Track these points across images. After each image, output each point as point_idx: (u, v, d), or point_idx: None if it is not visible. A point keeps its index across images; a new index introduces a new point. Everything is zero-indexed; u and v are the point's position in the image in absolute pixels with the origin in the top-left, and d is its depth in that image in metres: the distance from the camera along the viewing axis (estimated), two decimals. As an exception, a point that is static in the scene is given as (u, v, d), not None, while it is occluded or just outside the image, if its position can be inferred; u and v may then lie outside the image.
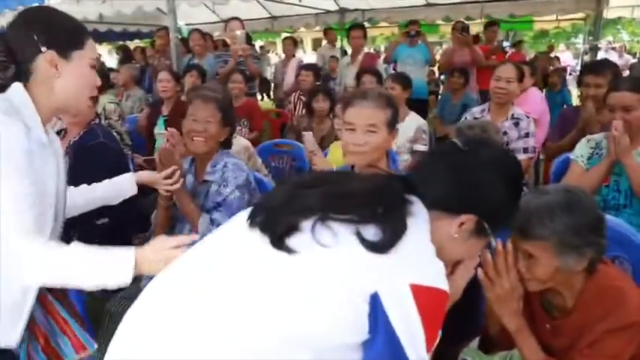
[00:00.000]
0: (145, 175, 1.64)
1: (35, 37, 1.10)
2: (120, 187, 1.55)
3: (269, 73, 6.99)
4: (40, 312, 1.24)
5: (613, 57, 9.36)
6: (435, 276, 0.82)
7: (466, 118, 2.77)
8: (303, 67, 4.29)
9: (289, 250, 0.81)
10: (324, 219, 0.83)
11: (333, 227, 0.82)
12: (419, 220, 0.87)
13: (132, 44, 7.76)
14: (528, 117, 2.60)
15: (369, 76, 3.46)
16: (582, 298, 1.16)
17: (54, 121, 1.99)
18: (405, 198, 0.89)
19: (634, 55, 13.40)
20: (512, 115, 2.60)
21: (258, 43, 7.74)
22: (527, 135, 2.55)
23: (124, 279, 1.07)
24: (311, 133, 2.34)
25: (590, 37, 6.13)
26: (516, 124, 2.58)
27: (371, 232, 0.81)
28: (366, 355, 0.82)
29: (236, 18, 4.13)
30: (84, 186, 1.51)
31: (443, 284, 0.82)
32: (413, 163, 2.70)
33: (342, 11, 7.21)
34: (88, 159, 2.02)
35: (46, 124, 1.18)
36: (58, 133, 2.18)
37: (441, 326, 0.85)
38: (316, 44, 14.12)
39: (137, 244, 1.15)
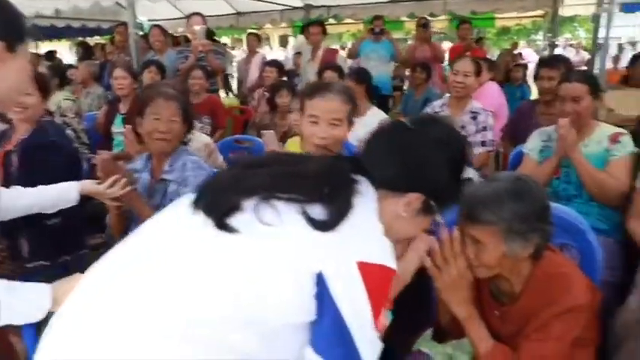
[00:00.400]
0: (87, 186, 1.59)
1: None
2: (61, 196, 1.51)
3: (234, 69, 6.91)
4: None
5: (570, 54, 9.69)
6: (382, 253, 0.82)
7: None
8: (267, 63, 4.27)
9: (231, 230, 0.80)
10: (268, 198, 0.82)
11: (278, 206, 0.81)
12: (366, 199, 0.87)
13: (92, 40, 7.53)
14: (486, 111, 2.66)
15: (331, 72, 3.43)
16: (529, 284, 1.19)
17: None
18: (352, 178, 0.89)
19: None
20: (471, 109, 2.65)
21: (223, 40, 7.62)
22: (484, 128, 2.61)
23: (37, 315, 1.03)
24: (272, 132, 2.32)
25: (549, 34, 6.34)
26: (474, 118, 2.63)
27: (317, 211, 0.80)
28: (313, 336, 0.81)
29: (197, 13, 4.06)
30: (21, 190, 1.45)
31: (390, 262, 0.82)
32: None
33: (308, 8, 7.18)
34: (38, 159, 1.94)
35: None
36: (3, 133, 2.09)
37: (390, 305, 0.86)
38: (283, 41, 14.07)
39: (92, 246, 1.11)
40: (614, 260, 1.79)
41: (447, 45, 8.11)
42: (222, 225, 0.81)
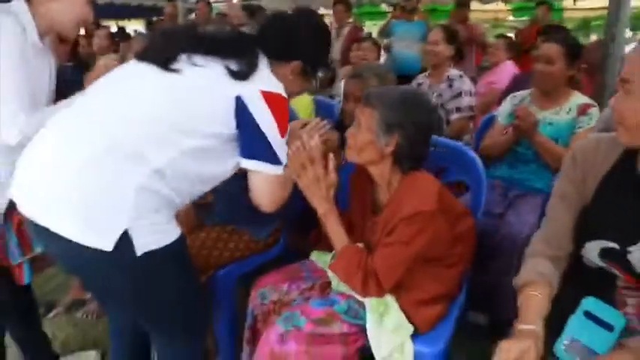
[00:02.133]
0: None
1: None
2: None
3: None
4: None
5: None
6: (277, 87, 1.19)
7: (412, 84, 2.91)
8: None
9: (174, 70, 1.13)
10: (197, 52, 1.16)
11: (205, 58, 1.15)
12: (262, 65, 1.21)
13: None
14: (462, 77, 2.67)
15: (368, 44, 3.50)
16: (394, 195, 1.32)
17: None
18: (255, 46, 1.23)
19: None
20: (448, 76, 2.68)
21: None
22: (460, 94, 2.62)
23: None
24: None
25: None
26: (450, 86, 2.66)
27: (234, 65, 1.15)
28: (241, 149, 1.19)
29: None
30: None
31: (283, 92, 1.20)
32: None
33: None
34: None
35: (42, 36, 1.42)
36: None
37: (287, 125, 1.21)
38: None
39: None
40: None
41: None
42: (166, 67, 1.14)
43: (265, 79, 1.20)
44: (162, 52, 1.17)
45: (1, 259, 1.46)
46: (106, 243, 1.01)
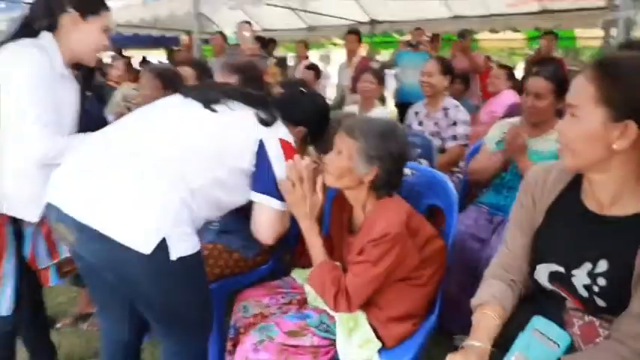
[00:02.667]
0: None
1: (66, 1, 1.53)
2: None
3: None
4: None
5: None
6: (290, 138, 1.42)
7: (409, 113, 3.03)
8: (306, 66, 4.68)
9: (212, 109, 1.32)
10: (234, 99, 1.36)
11: (239, 105, 1.36)
12: (279, 118, 1.42)
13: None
14: (457, 107, 2.78)
15: (369, 75, 3.67)
16: (367, 218, 1.42)
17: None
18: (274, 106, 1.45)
19: None
20: (444, 105, 2.80)
21: (291, 54, 8.23)
22: (455, 123, 2.74)
23: None
24: None
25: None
26: (446, 115, 2.78)
27: (262, 114, 1.35)
28: (254, 184, 1.37)
29: (246, 22, 4.62)
30: None
31: (293, 143, 1.43)
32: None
33: (373, 23, 7.56)
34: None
35: (66, 65, 1.58)
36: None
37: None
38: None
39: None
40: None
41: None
42: (207, 106, 1.32)
43: (282, 129, 1.41)
44: (206, 93, 1.37)
45: (31, 262, 1.62)
46: (146, 246, 1.14)
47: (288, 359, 1.31)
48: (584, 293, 1.10)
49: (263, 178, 1.36)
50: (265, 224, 1.40)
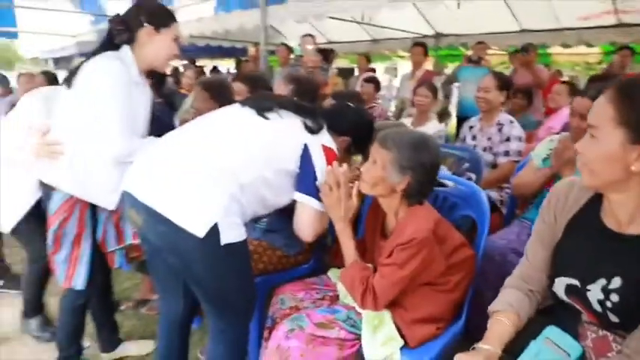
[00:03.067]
0: None
1: (141, 15, 1.73)
2: None
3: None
4: None
5: None
6: (333, 145, 1.57)
7: (463, 127, 3.06)
8: (365, 79, 4.79)
9: (266, 117, 1.50)
10: (285, 109, 1.54)
11: (289, 114, 1.54)
12: (324, 127, 1.59)
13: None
14: (512, 123, 2.77)
15: (424, 89, 3.75)
16: (398, 223, 1.51)
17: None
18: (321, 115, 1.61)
19: None
20: (498, 121, 2.80)
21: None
22: (508, 139, 2.73)
23: None
24: None
25: None
26: (500, 130, 2.78)
27: (309, 122, 1.52)
28: (297, 185, 1.52)
29: (309, 35, 4.83)
30: None
31: (335, 150, 1.57)
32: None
33: (438, 36, 7.55)
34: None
35: (141, 74, 1.79)
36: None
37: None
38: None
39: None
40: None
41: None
42: (260, 113, 1.51)
43: (326, 136, 1.57)
44: (261, 102, 1.56)
45: (101, 244, 1.86)
46: (201, 230, 1.32)
47: (315, 349, 1.42)
48: (598, 308, 1.13)
49: (306, 180, 1.52)
50: (306, 222, 1.55)
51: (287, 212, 1.57)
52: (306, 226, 1.56)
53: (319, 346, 1.42)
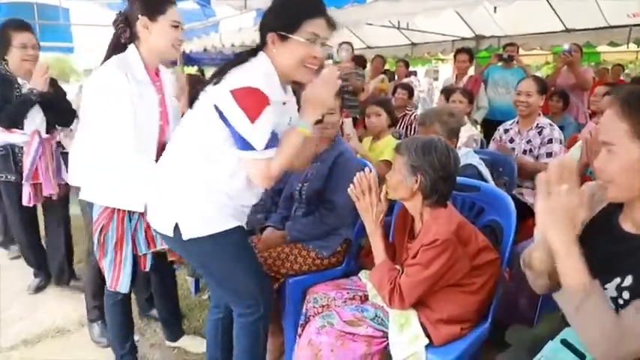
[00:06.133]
0: None
1: (135, 8, 1.66)
2: None
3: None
4: None
5: None
6: (247, 80, 1.35)
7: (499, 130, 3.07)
8: (398, 85, 4.82)
9: (192, 107, 1.49)
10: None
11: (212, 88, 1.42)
12: (257, 58, 1.45)
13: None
14: (552, 125, 2.78)
15: (459, 95, 3.77)
16: (423, 226, 1.59)
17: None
18: (248, 54, 1.48)
19: None
20: (537, 124, 2.82)
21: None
22: (550, 141, 2.75)
23: None
24: (350, 119, 2.98)
25: None
26: (540, 133, 2.79)
27: (215, 80, 1.40)
28: (234, 143, 1.41)
29: (346, 42, 4.93)
30: None
31: (253, 83, 1.34)
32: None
33: (478, 38, 7.47)
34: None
35: (150, 69, 1.74)
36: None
37: (260, 109, 1.35)
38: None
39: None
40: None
41: None
42: (191, 106, 1.50)
43: (234, 79, 1.37)
44: (194, 95, 1.50)
45: (133, 247, 1.92)
46: (168, 230, 1.51)
47: (344, 344, 1.52)
48: (612, 305, 1.16)
49: (235, 137, 1.40)
50: (257, 175, 1.45)
51: (320, 216, 1.66)
52: (258, 178, 1.46)
53: (348, 342, 1.52)
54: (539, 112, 2.88)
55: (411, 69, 7.69)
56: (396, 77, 6.72)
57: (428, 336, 1.53)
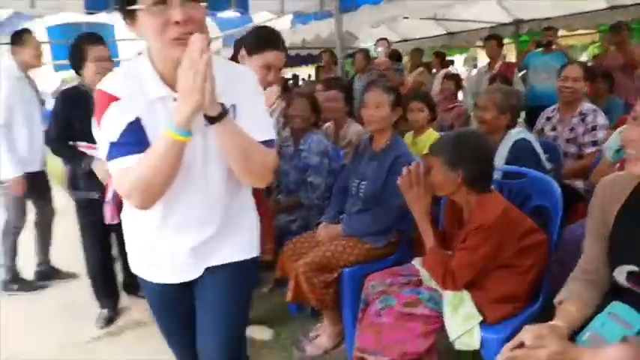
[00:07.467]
0: None
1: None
2: None
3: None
4: None
5: None
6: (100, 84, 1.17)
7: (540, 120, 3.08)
8: (446, 76, 4.87)
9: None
10: None
11: None
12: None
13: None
14: (595, 111, 2.74)
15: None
16: (470, 213, 1.70)
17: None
18: None
19: None
20: (580, 110, 2.78)
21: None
22: (594, 128, 2.71)
23: None
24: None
25: None
26: (583, 120, 2.75)
27: None
28: None
29: (383, 38, 5.03)
30: None
31: (100, 85, 1.17)
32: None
33: (517, 22, 7.33)
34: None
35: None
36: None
37: (102, 111, 1.14)
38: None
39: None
40: None
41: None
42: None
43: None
44: None
45: None
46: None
47: (404, 324, 1.66)
48: None
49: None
50: (116, 184, 1.20)
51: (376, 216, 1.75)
52: (117, 188, 1.21)
53: (407, 322, 1.66)
54: (583, 98, 2.86)
55: (448, 58, 7.66)
56: (433, 70, 6.74)
57: (481, 315, 1.64)
